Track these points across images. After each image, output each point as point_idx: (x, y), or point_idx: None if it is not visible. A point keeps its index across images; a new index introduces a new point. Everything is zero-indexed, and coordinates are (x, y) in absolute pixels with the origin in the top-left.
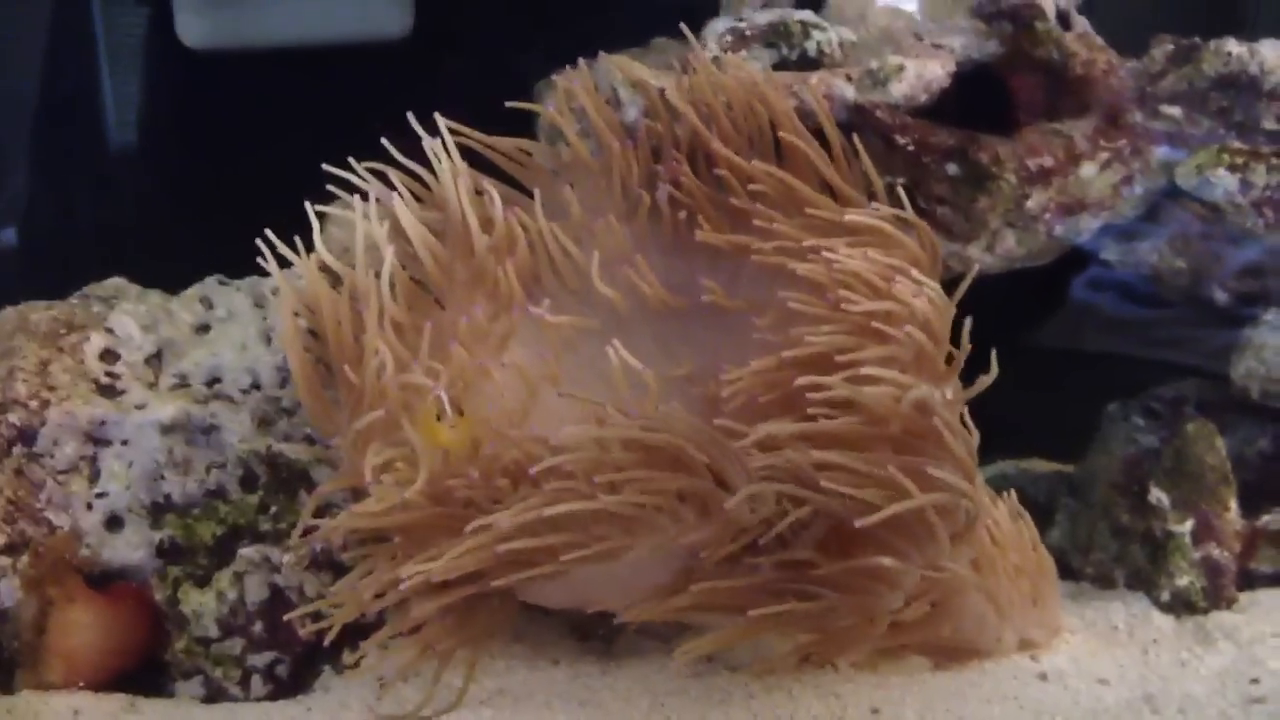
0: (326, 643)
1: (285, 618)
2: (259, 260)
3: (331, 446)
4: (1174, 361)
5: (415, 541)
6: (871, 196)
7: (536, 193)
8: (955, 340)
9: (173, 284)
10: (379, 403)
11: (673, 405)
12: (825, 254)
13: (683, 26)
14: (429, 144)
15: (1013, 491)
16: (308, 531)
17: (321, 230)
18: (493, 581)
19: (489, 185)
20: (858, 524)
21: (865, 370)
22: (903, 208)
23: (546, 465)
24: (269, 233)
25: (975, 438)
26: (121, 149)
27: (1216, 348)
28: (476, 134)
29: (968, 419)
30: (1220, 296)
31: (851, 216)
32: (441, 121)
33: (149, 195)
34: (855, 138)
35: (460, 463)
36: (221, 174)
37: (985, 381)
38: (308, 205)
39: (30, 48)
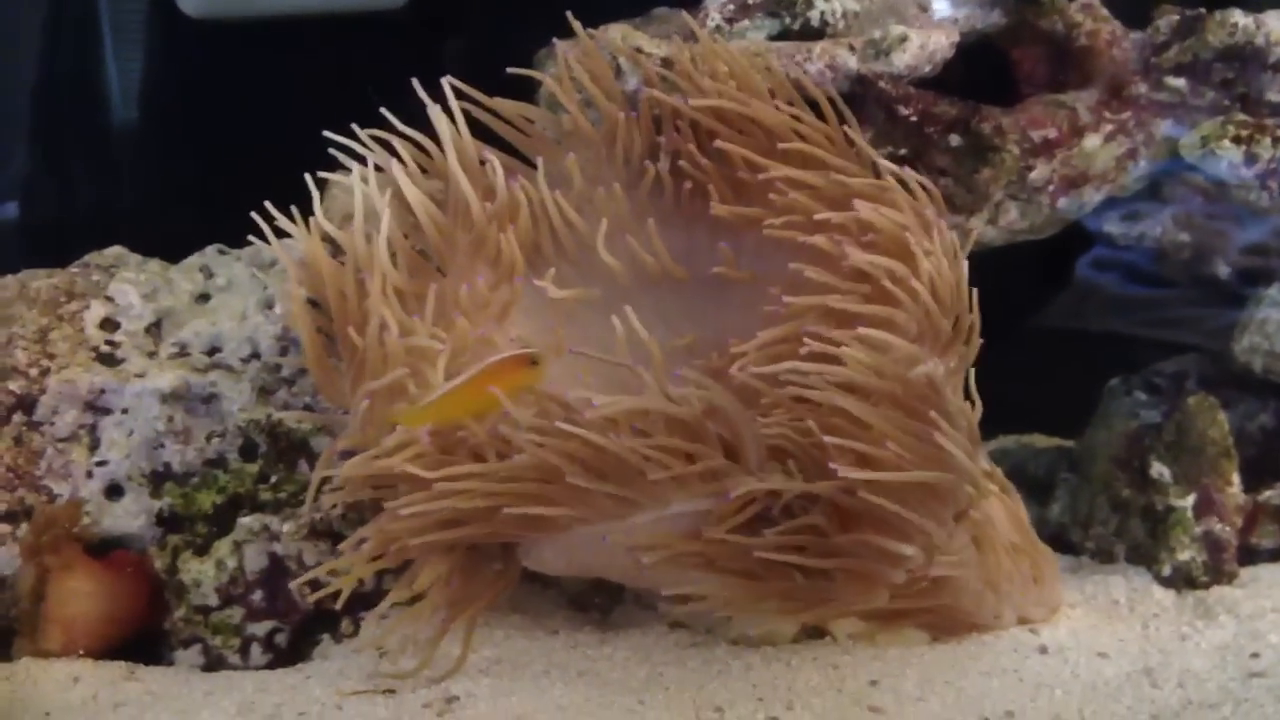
0: (339, 605)
1: (292, 584)
2: (260, 231)
3: (338, 414)
4: (1177, 341)
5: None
6: (873, 167)
7: (540, 161)
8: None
9: (176, 256)
10: (382, 368)
11: (693, 372)
12: (839, 214)
13: None
14: (434, 111)
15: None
16: (324, 483)
17: (323, 199)
18: (495, 529)
19: (491, 154)
20: (844, 474)
21: (869, 334)
22: (905, 181)
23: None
24: (268, 204)
25: (978, 411)
26: (124, 125)
27: (1220, 327)
28: (479, 96)
29: (972, 391)
30: (1224, 272)
31: (860, 183)
32: (446, 85)
33: (152, 170)
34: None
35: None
36: (225, 147)
37: (976, 347)
38: (307, 176)
39: (32, 22)
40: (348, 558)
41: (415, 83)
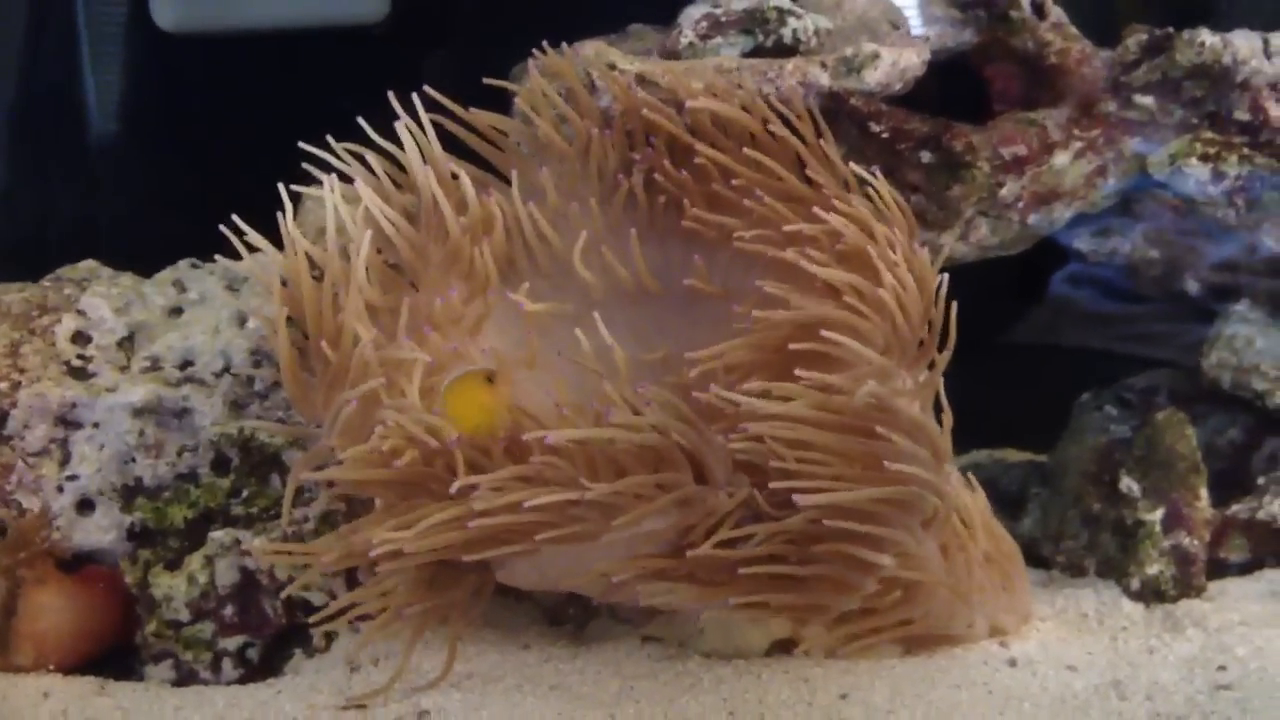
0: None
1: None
2: (235, 245)
3: (311, 428)
4: (1149, 356)
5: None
6: (845, 184)
7: (514, 176)
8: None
9: (154, 269)
10: (360, 379)
11: (658, 389)
12: (810, 226)
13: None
14: (403, 124)
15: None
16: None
17: (297, 213)
18: (467, 556)
19: (462, 169)
20: (803, 502)
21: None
22: (879, 193)
23: (535, 436)
24: (238, 219)
25: (948, 423)
26: (102, 137)
27: (1192, 342)
28: (454, 106)
29: (944, 405)
30: (1193, 287)
31: (833, 201)
32: (417, 100)
33: (129, 183)
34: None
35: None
36: (201, 160)
37: (943, 359)
38: (280, 187)
39: (10, 34)
40: (323, 544)
41: (390, 95)
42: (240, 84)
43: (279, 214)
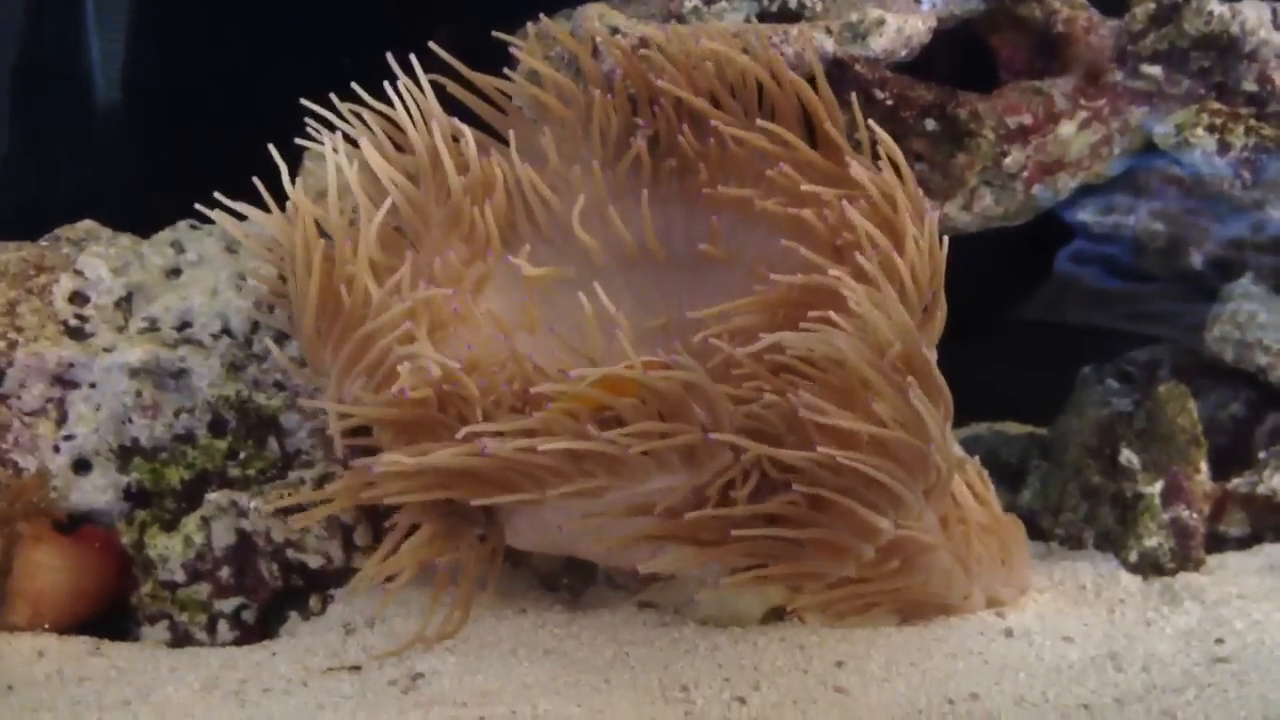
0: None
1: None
2: (236, 210)
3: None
4: (1152, 335)
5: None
6: (856, 148)
7: (510, 136)
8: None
9: (152, 233)
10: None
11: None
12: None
13: None
14: (403, 83)
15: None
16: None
17: (301, 174)
18: (474, 500)
19: (465, 129)
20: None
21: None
22: (889, 161)
23: (545, 389)
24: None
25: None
26: (105, 101)
27: (1194, 323)
28: (458, 65)
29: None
30: (1197, 261)
31: (851, 167)
32: (416, 63)
33: (133, 148)
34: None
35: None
36: (202, 124)
37: (940, 320)
38: (271, 148)
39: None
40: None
41: (389, 56)
42: (243, 49)
43: (276, 178)
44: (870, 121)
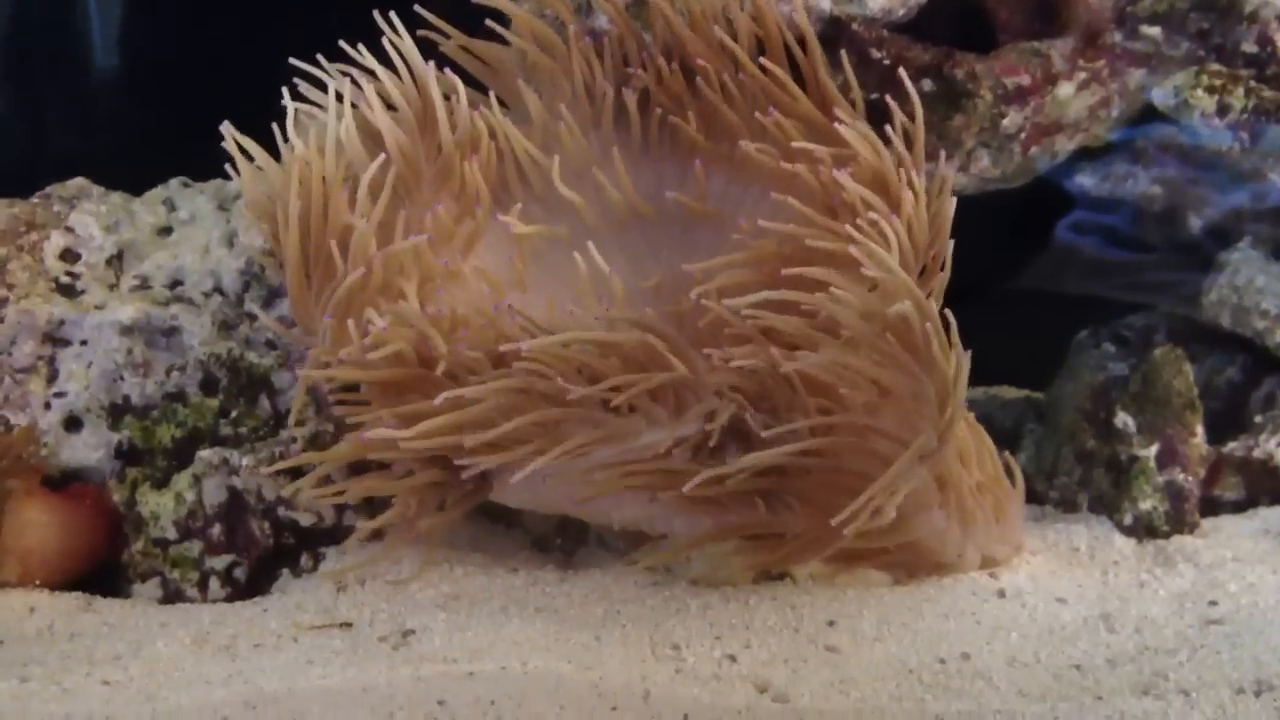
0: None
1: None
2: (231, 160)
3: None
4: (1150, 304)
5: (391, 402)
6: (853, 105)
7: (493, 95)
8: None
9: (144, 191)
10: (359, 259)
11: (644, 309)
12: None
13: None
14: (391, 39)
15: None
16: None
17: (291, 129)
18: (461, 464)
19: (459, 84)
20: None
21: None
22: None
23: (524, 346)
24: (236, 134)
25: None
26: (99, 60)
27: (1193, 293)
28: (445, 26)
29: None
30: (1195, 224)
31: (840, 126)
32: (397, 21)
33: (126, 107)
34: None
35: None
36: (200, 81)
37: (943, 279)
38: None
39: None
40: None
41: (376, 14)
42: (235, 9)
43: (269, 136)
44: (887, 96)
